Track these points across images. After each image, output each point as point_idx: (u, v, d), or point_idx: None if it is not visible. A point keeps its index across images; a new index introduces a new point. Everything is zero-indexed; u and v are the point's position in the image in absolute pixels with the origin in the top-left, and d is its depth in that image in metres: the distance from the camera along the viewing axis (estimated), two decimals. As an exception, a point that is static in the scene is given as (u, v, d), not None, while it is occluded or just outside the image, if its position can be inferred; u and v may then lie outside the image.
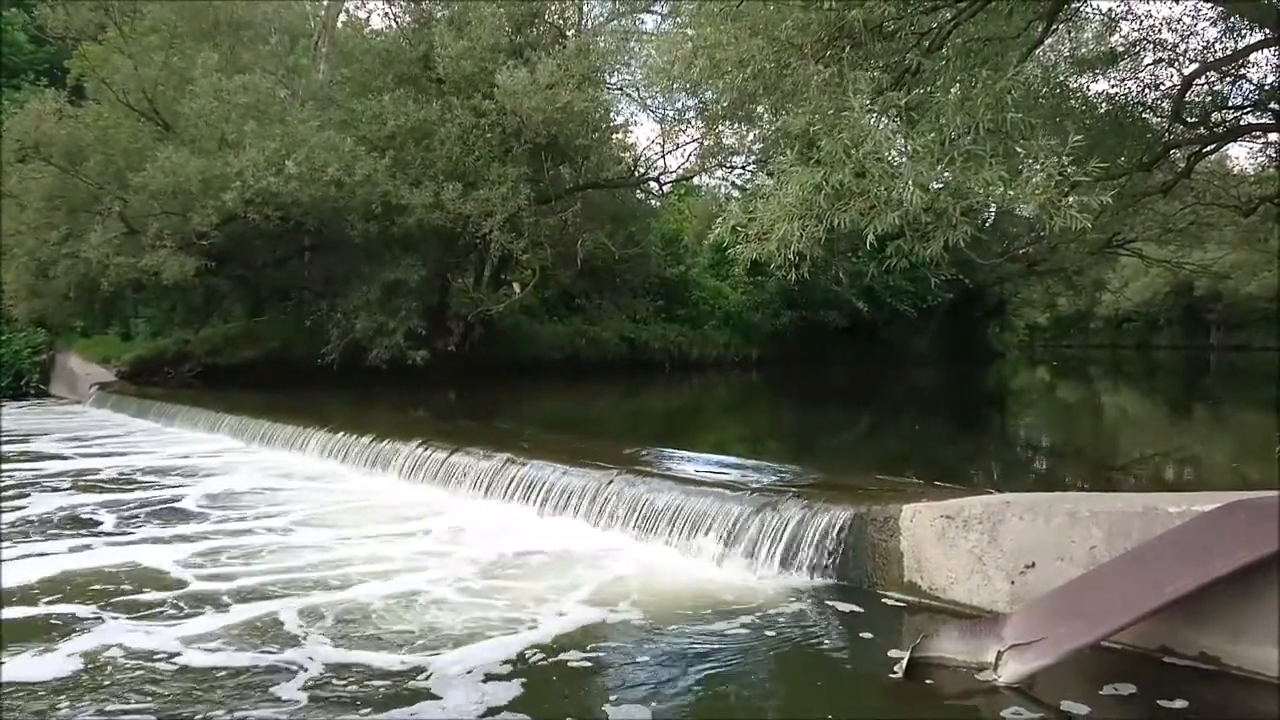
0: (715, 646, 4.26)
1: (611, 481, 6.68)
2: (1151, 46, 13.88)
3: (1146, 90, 14.03)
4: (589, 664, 4.05)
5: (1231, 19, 12.65)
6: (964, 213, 6.24)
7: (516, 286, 24.31)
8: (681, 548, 5.79)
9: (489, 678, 3.86)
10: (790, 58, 7.29)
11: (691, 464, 7.63)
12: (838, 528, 5.26)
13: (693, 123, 21.05)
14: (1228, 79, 13.92)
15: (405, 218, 18.27)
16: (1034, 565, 4.43)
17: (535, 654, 4.13)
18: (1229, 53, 13.11)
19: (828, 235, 6.68)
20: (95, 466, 9.93)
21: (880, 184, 6.13)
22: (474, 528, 6.75)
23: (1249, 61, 13.46)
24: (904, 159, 6.29)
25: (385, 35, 22.59)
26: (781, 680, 4.03)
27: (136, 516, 7.26)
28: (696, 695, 3.74)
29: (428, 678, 3.86)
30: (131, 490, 8.45)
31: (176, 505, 7.74)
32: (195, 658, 4.11)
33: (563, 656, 4.11)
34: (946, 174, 6.28)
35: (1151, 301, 64.22)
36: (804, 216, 6.52)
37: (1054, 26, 10.29)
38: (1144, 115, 13.73)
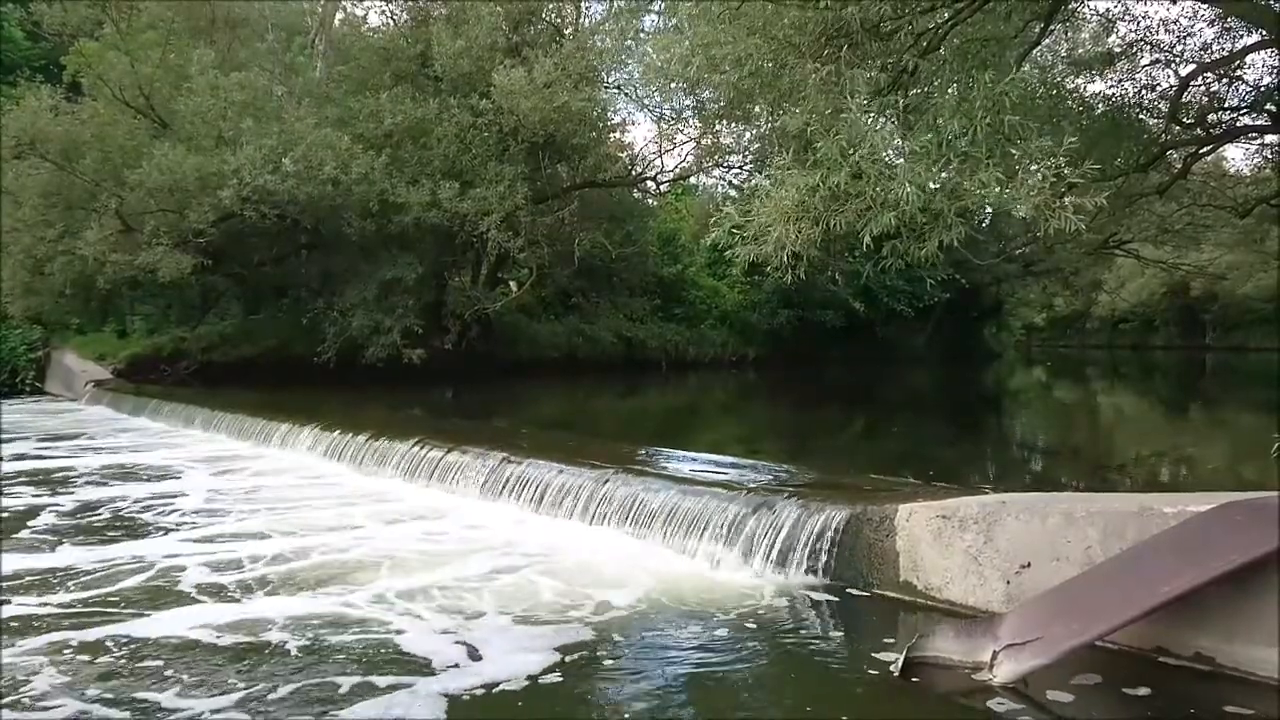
0: (710, 646, 4.25)
1: (607, 481, 6.67)
2: (1148, 47, 13.93)
3: (1143, 91, 14.08)
4: (582, 664, 4.05)
5: (1228, 20, 12.69)
6: (959, 214, 6.24)
7: (513, 285, 24.33)
8: (677, 547, 5.79)
9: (479, 680, 3.85)
10: (788, 56, 7.29)
11: (688, 463, 7.63)
12: (834, 527, 5.25)
13: (690, 122, 21.09)
14: (1224, 80, 13.95)
15: (402, 216, 18.26)
16: (1030, 565, 4.44)
17: (527, 654, 4.12)
18: (1226, 54, 13.14)
19: (824, 236, 6.68)
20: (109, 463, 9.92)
21: (877, 185, 6.14)
22: (468, 527, 6.74)
23: (1246, 63, 13.49)
24: (900, 160, 6.29)
25: (383, 33, 22.59)
26: (777, 680, 4.03)
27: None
28: (691, 695, 3.74)
29: (419, 680, 3.85)
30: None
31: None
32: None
33: (555, 657, 4.10)
34: (943, 174, 6.29)
35: (1148, 302, 64.28)
36: (800, 219, 6.52)
37: (1051, 27, 10.31)
38: (1141, 116, 13.77)
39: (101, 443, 11.76)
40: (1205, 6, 12.29)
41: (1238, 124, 14.29)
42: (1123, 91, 14.09)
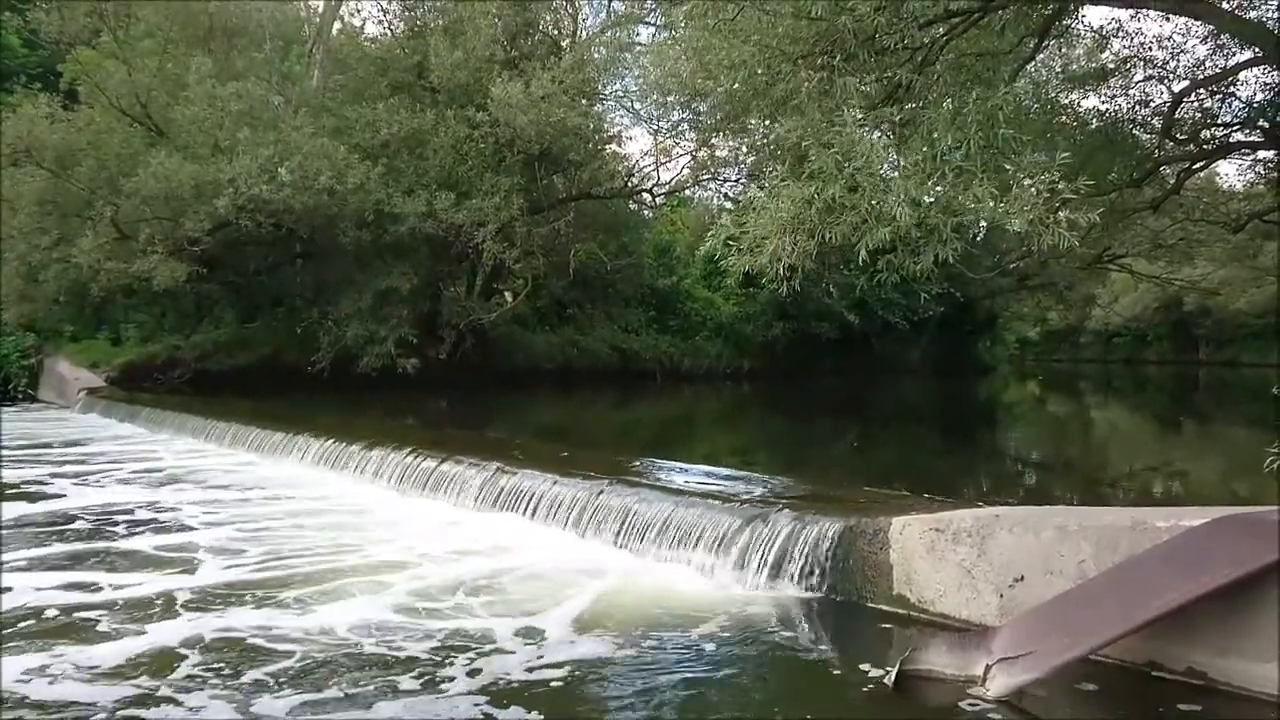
0: (702, 658, 4.24)
1: (602, 492, 6.66)
2: (1142, 63, 14.03)
3: (1137, 107, 14.18)
4: (575, 676, 4.02)
5: (1221, 37, 12.78)
6: (954, 229, 6.26)
7: (508, 296, 24.36)
8: (671, 559, 5.77)
9: (471, 693, 3.83)
10: (781, 65, 7.33)
11: (682, 475, 7.61)
12: (827, 540, 5.24)
13: (686, 134, 21.18)
14: (1217, 96, 14.06)
15: (398, 226, 18.29)
16: (1023, 579, 4.43)
17: (521, 666, 4.10)
18: (1219, 70, 13.24)
19: (819, 248, 6.70)
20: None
21: (871, 198, 6.16)
22: (462, 539, 6.72)
23: (1238, 79, 13.59)
24: (895, 174, 6.32)
25: (380, 43, 22.65)
26: (770, 693, 4.01)
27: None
28: (684, 707, 3.72)
29: (412, 689, 3.83)
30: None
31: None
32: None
33: (549, 668, 4.07)
34: (938, 189, 6.31)
35: (1141, 317, 64.48)
36: (795, 231, 6.54)
37: (1046, 43, 10.38)
38: (1134, 131, 13.87)
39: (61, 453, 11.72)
40: (1199, 23, 12.38)
41: (1230, 140, 14.39)
42: (1116, 107, 14.19)
